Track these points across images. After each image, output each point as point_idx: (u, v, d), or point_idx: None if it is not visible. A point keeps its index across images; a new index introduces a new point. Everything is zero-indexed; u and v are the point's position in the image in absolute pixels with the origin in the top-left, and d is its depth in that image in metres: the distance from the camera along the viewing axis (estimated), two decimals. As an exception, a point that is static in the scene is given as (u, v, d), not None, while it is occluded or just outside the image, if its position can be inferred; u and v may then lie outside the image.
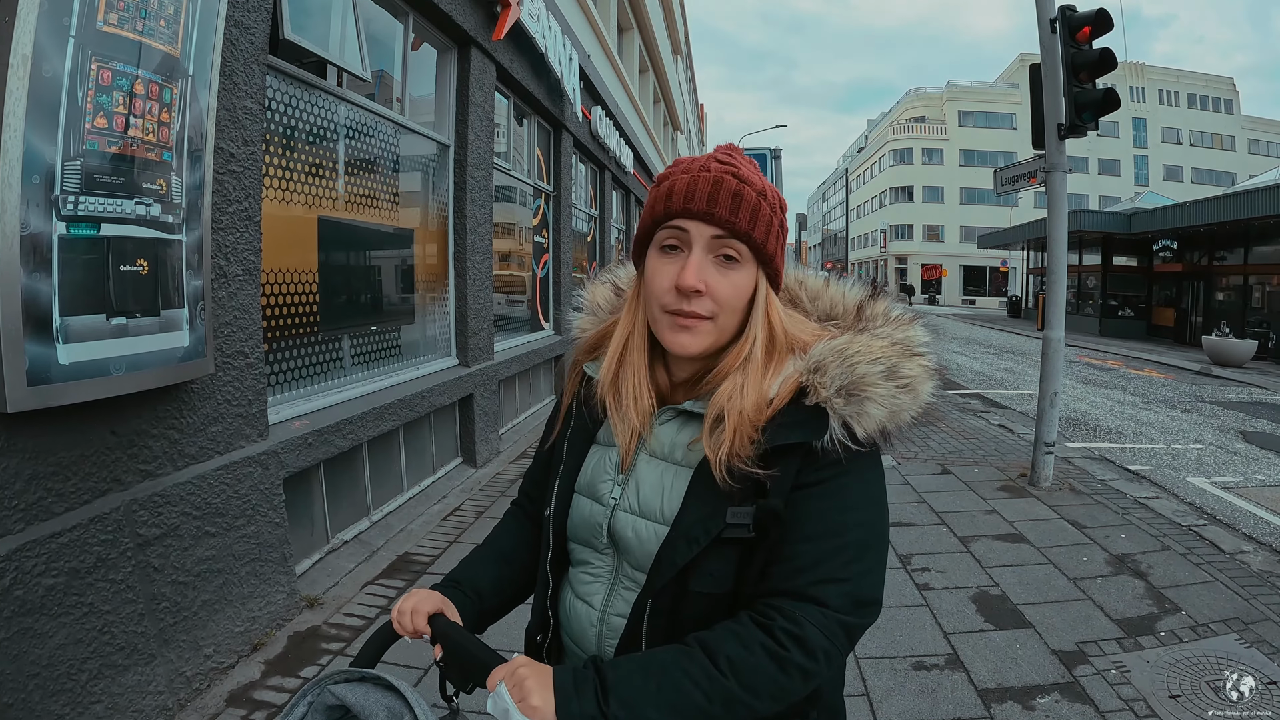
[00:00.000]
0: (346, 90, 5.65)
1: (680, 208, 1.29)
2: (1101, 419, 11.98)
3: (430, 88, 7.52)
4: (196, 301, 3.53)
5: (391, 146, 6.48)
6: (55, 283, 2.80)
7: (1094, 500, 6.92)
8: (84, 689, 3.07)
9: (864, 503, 1.29)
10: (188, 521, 3.66)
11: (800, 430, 1.25)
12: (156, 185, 3.23)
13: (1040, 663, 4.00)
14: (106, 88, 2.95)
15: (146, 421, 3.46)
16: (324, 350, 5.50)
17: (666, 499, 1.33)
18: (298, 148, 5.11)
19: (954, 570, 5.26)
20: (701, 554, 1.25)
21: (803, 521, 1.24)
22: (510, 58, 8.71)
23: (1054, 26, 7.27)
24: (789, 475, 1.25)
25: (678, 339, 1.31)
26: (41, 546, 2.90)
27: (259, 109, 4.18)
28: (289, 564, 4.42)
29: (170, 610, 3.55)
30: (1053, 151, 7.48)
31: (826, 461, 1.25)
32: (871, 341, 1.32)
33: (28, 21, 2.64)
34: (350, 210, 5.84)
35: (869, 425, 1.25)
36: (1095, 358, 22.02)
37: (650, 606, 1.30)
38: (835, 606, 1.21)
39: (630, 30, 22.12)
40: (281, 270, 4.94)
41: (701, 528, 1.26)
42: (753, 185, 1.32)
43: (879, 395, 1.26)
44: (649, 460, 1.39)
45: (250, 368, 4.17)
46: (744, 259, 1.31)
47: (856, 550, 1.24)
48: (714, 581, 1.27)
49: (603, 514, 1.40)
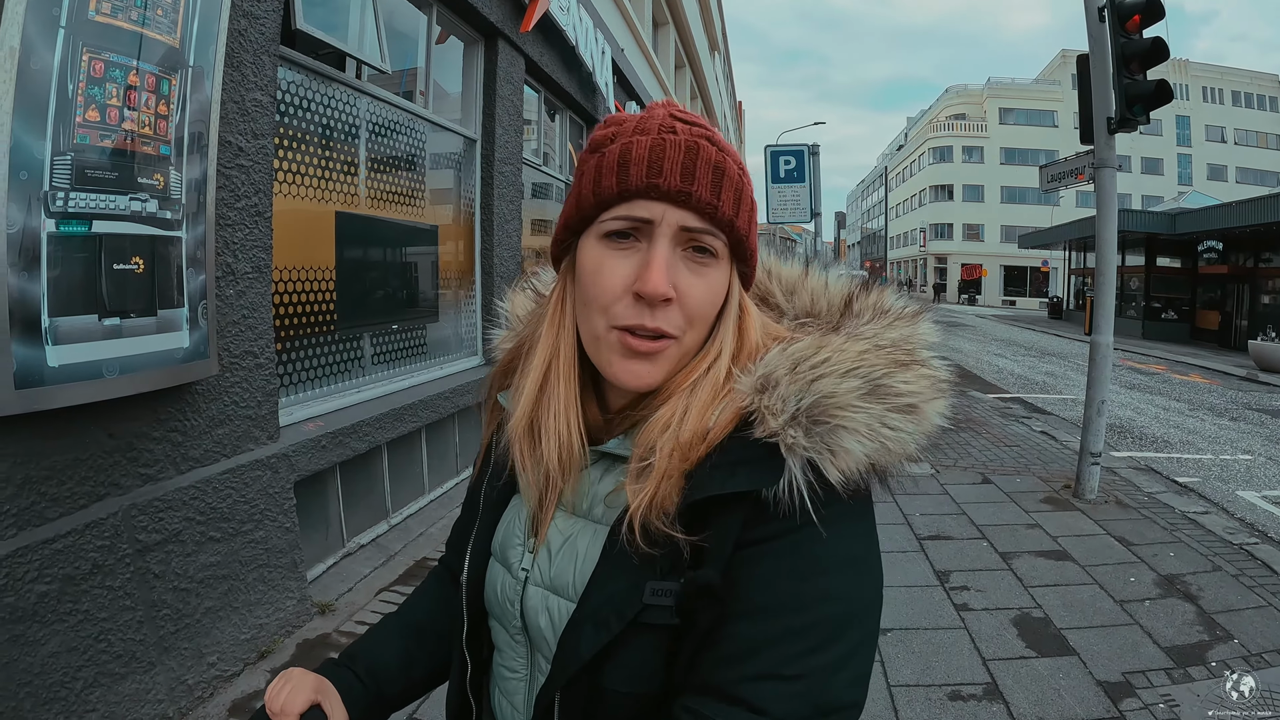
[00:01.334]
0: (366, 83, 5.54)
1: (643, 183, 0.93)
2: (1146, 426, 11.64)
3: (456, 81, 7.42)
4: (198, 300, 3.43)
5: (415, 141, 6.37)
6: (44, 282, 2.73)
7: (1141, 515, 6.64)
8: (78, 697, 3.01)
9: (834, 569, 0.89)
10: (191, 527, 3.58)
11: (743, 475, 0.89)
12: (154, 180, 3.13)
13: (1084, 695, 3.78)
14: (99, 80, 2.86)
15: (146, 424, 3.38)
16: (341, 349, 5.40)
17: (579, 569, 0.99)
18: (314, 141, 5.00)
19: (994, 589, 5.04)
20: (615, 642, 0.91)
21: (739, 594, 0.88)
22: (540, 50, 8.59)
23: (1102, 15, 7.01)
24: (728, 535, 0.89)
25: (632, 370, 0.96)
26: (34, 552, 2.84)
27: (270, 101, 4.08)
28: (299, 569, 4.32)
29: (171, 617, 3.46)
30: (1102, 146, 7.20)
31: (778, 513, 0.87)
32: (846, 345, 0.95)
33: (15, 12, 2.58)
34: (371, 206, 5.74)
35: (847, 465, 0.87)
36: (1139, 361, 21.61)
37: (559, 706, 0.96)
38: (779, 715, 0.83)
39: (666, 25, 21.93)
40: (297, 267, 4.84)
41: (613, 608, 0.91)
42: (732, 156, 0.98)
43: (858, 424, 0.88)
44: (565, 518, 1.05)
45: (260, 368, 4.08)
46: (720, 255, 0.97)
47: (817, 636, 0.85)
48: (635, 679, 0.92)
49: (514, 588, 1.07)
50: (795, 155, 14.34)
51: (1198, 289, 30.32)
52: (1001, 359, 21.76)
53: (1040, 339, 29.37)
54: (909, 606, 4.72)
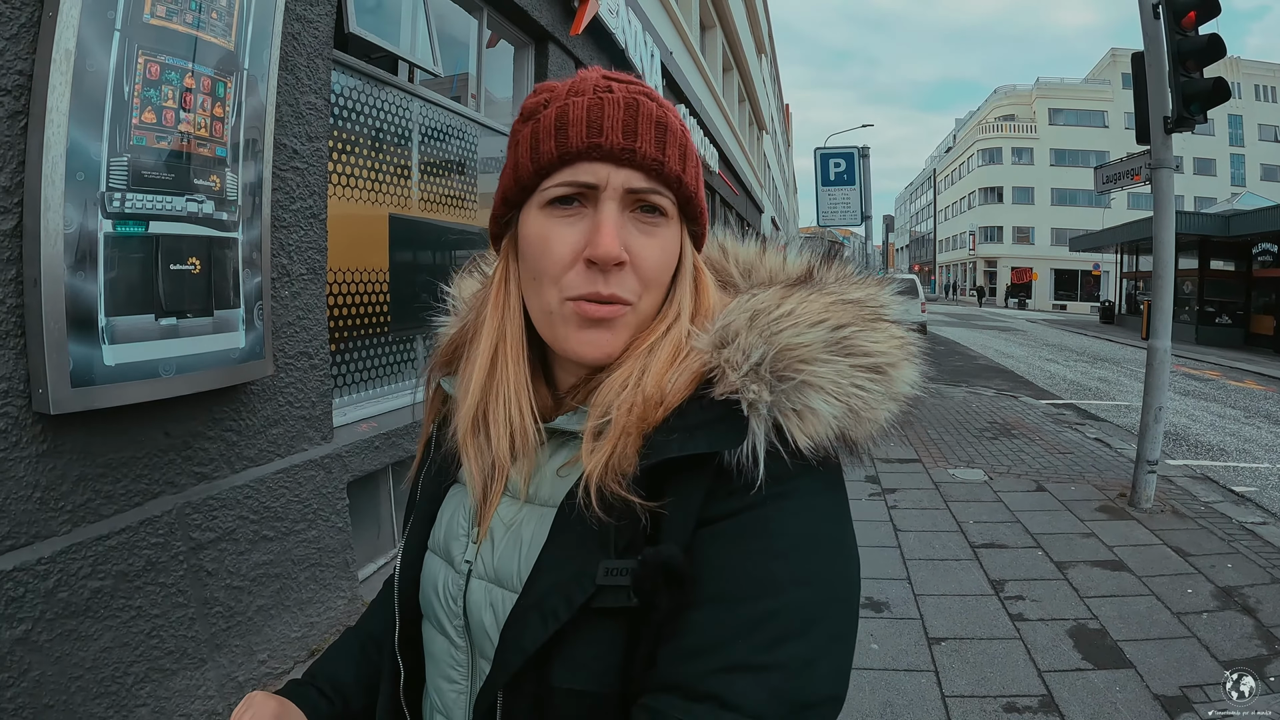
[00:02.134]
0: (418, 86, 5.59)
1: (583, 143, 0.88)
2: (1202, 434, 11.29)
3: (507, 84, 7.48)
4: (255, 301, 3.48)
5: (466, 144, 6.41)
6: (101, 282, 2.77)
7: (1198, 525, 6.45)
8: (129, 692, 3.05)
9: (805, 547, 0.81)
10: (244, 525, 3.62)
11: (702, 436, 0.82)
12: (210, 182, 3.17)
13: (1141, 709, 3.68)
14: (155, 82, 2.89)
15: (202, 423, 3.43)
16: (395, 351, 5.45)
17: (524, 556, 0.90)
18: (367, 144, 5.05)
19: (1050, 599, 4.92)
20: (564, 633, 0.82)
21: (703, 578, 0.80)
22: (589, 54, 8.62)
23: (1157, 12, 6.83)
24: (689, 506, 0.82)
25: (589, 339, 0.90)
26: (88, 549, 2.88)
27: (324, 104, 4.12)
28: (351, 569, 4.35)
29: (224, 614, 3.51)
30: (1158, 146, 7.02)
31: (742, 484, 0.80)
32: (812, 296, 0.89)
33: (70, 16, 2.62)
34: (423, 209, 5.78)
35: (815, 429, 0.80)
36: (1193, 367, 21.04)
37: (501, 711, 0.87)
38: (752, 711, 0.74)
39: (713, 28, 21.95)
40: (350, 269, 4.89)
41: (561, 594, 0.82)
42: (673, 112, 0.94)
43: (825, 378, 0.82)
44: (510, 505, 0.97)
45: (314, 369, 4.12)
46: (669, 214, 0.92)
47: (791, 622, 0.77)
48: (587, 675, 0.82)
49: (456, 583, 0.98)
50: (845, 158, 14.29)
51: (1252, 293, 29.56)
52: (1053, 364, 21.36)
53: (1092, 344, 28.81)
54: (964, 615, 4.63)
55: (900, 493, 7.36)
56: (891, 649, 4.23)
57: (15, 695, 2.63)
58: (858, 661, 4.03)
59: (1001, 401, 12.85)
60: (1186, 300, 31.23)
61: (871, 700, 3.73)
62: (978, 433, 10.14)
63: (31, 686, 2.68)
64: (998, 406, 12.23)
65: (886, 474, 8.04)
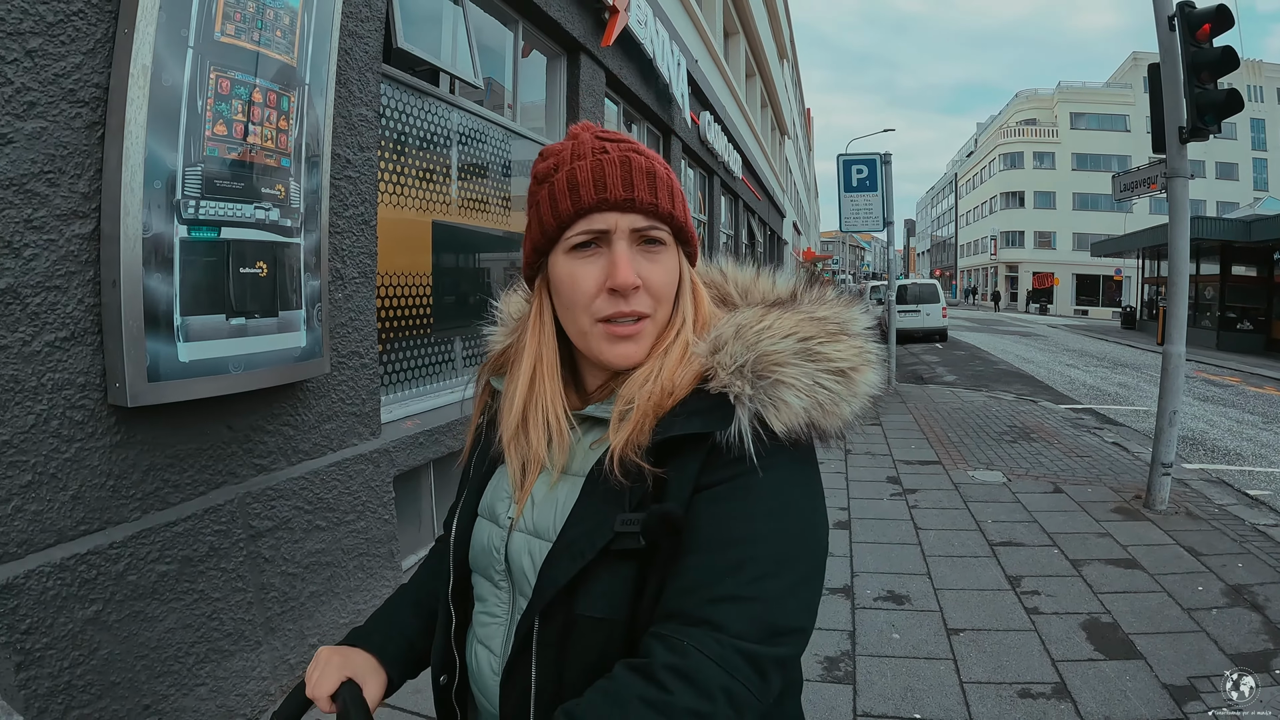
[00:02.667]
0: (459, 97, 5.78)
1: (593, 199, 1.12)
2: (1219, 439, 11.28)
3: (540, 94, 7.65)
4: (314, 303, 3.65)
5: (503, 152, 6.59)
6: (176, 283, 2.93)
7: (1211, 526, 6.51)
8: (190, 672, 3.19)
9: (780, 508, 1.04)
10: (299, 515, 3.79)
11: (698, 419, 1.06)
12: (275, 190, 3.35)
13: (1150, 697, 3.79)
14: (225, 96, 3.07)
15: (262, 418, 3.60)
16: (437, 351, 5.64)
17: (559, 513, 1.13)
18: (411, 153, 5.25)
19: (1064, 594, 5.03)
20: (588, 570, 1.04)
21: (698, 530, 1.02)
22: (619, 64, 8.80)
23: (1172, 24, 6.87)
24: (687, 475, 1.05)
25: (620, 350, 1.15)
26: (156, 535, 3.03)
27: (374, 116, 4.30)
28: (396, 559, 4.52)
29: (278, 600, 3.67)
30: (1174, 156, 7.06)
31: (730, 458, 1.04)
32: (782, 316, 1.14)
33: (146, 33, 2.76)
34: (463, 214, 5.97)
35: (789, 418, 1.04)
36: (1213, 373, 20.79)
37: (537, 634, 1.09)
38: (735, 632, 0.96)
39: (736, 35, 22.05)
40: (396, 273, 5.08)
41: (587, 539, 1.05)
42: (658, 161, 1.19)
43: (793, 378, 1.06)
44: (545, 477, 1.20)
45: (365, 368, 4.31)
46: (667, 242, 1.17)
47: (768, 565, 1.00)
48: (605, 604, 1.04)
49: (500, 536, 1.21)
50: (867, 164, 14.36)
51: (1274, 299, 29.09)
52: (1074, 370, 21.21)
53: (1113, 349, 28.51)
54: (981, 608, 4.75)
55: (921, 493, 7.46)
56: (912, 639, 4.35)
57: (85, 672, 2.77)
58: (880, 649, 4.20)
59: (1021, 406, 12.87)
60: (1208, 306, 30.74)
61: (894, 685, 3.86)
62: (997, 436, 10.19)
63: (100, 664, 2.82)
64: (1017, 411, 12.26)
65: (907, 475, 8.15)
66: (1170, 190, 7.14)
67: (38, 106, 2.59)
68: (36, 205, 2.60)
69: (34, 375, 2.63)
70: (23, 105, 2.54)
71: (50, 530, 2.70)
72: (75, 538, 2.78)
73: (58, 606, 2.69)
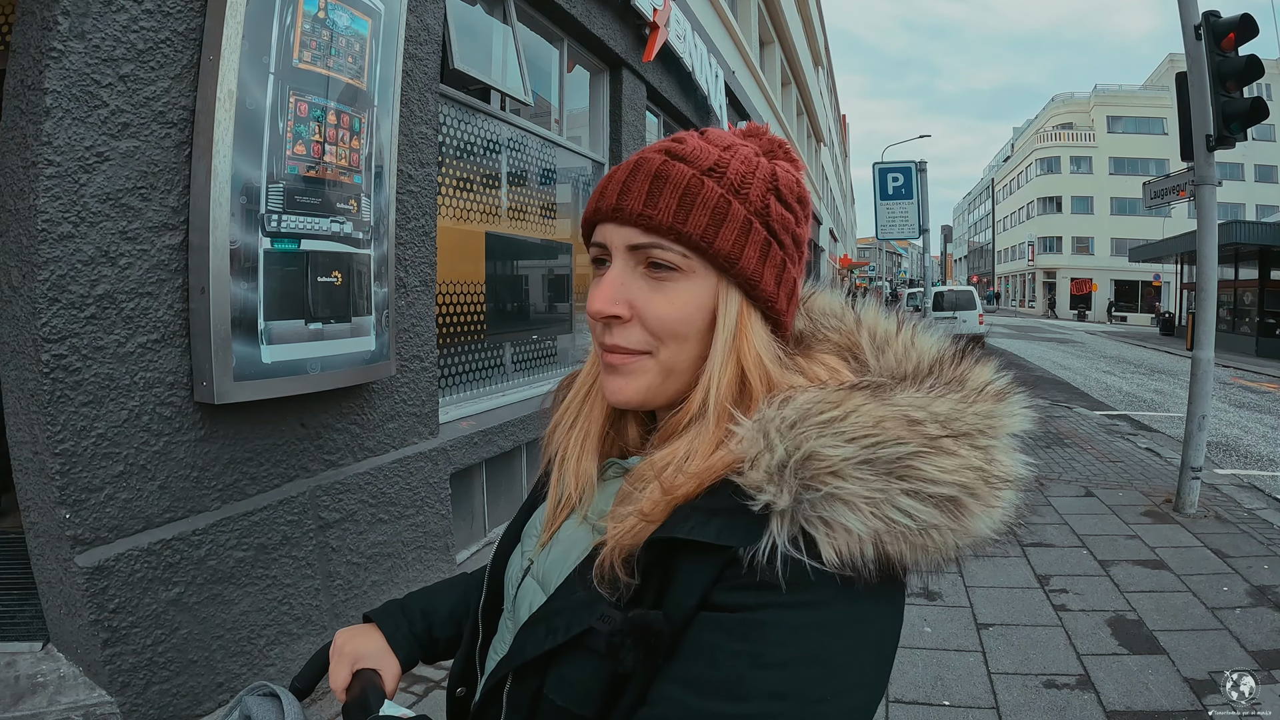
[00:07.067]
0: (509, 114, 6.03)
1: (593, 209, 0.94)
2: (1253, 445, 11.25)
3: (584, 108, 7.89)
4: (382, 309, 3.90)
5: (550, 165, 6.85)
6: (261, 291, 3.18)
7: (1239, 529, 6.55)
8: (260, 653, 3.43)
9: (806, 660, 0.73)
10: (364, 508, 4.03)
11: (715, 525, 0.78)
12: (349, 205, 3.61)
13: (1171, 689, 3.91)
14: (304, 118, 3.33)
15: (332, 416, 3.85)
16: (489, 356, 5.89)
17: (563, 570, 0.94)
18: (466, 168, 5.51)
19: (1091, 593, 5.14)
20: (559, 652, 0.85)
21: (687, 658, 0.77)
22: (659, 77, 9.00)
23: (1198, 33, 6.94)
24: (695, 582, 0.79)
25: (611, 385, 0.94)
26: (235, 523, 3.27)
27: (433, 133, 4.56)
28: (451, 553, 4.77)
29: (344, 587, 3.91)
30: (1201, 164, 7.13)
31: (753, 580, 0.75)
32: (866, 407, 0.78)
33: (231, 61, 3.02)
34: (514, 225, 6.23)
35: (847, 546, 0.73)
36: (1250, 380, 20.37)
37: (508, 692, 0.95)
38: None
39: (771, 44, 22.11)
40: (452, 281, 5.34)
41: (565, 617, 0.86)
42: (694, 161, 0.91)
43: (855, 495, 0.73)
44: (577, 520, 1.01)
45: (425, 371, 4.56)
46: (689, 268, 0.89)
47: None
48: (573, 693, 0.84)
49: (520, 570, 1.07)
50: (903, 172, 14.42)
51: (1314, 305, 28.55)
52: (1110, 376, 20.99)
53: (1150, 356, 28.03)
54: (1010, 605, 4.87)
55: (955, 496, 7.53)
56: (943, 632, 4.49)
57: (165, 650, 3.00)
58: (912, 641, 4.35)
59: (1056, 412, 12.85)
60: (1246, 312, 29.96)
61: (924, 675, 4.00)
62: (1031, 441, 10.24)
63: (180, 643, 3.05)
64: (1052, 417, 12.22)
65: (942, 479, 8.22)
66: (1198, 197, 7.20)
67: (131, 127, 2.82)
68: (131, 218, 2.84)
69: (127, 374, 2.86)
70: (117, 126, 2.77)
71: (139, 517, 2.93)
72: (161, 524, 3.01)
73: (143, 588, 2.91)
